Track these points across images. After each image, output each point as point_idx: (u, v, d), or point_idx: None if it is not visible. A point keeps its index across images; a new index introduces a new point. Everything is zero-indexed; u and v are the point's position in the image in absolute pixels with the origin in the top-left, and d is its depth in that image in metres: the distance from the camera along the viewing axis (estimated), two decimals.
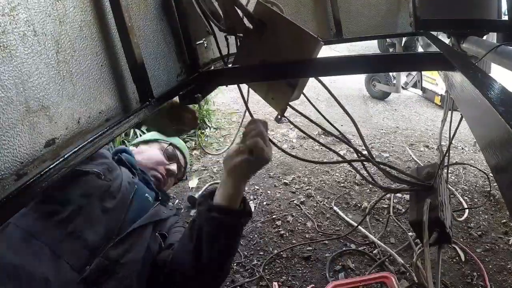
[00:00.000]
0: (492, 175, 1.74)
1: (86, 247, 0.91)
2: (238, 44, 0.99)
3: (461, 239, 1.67)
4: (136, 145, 1.52)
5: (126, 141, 2.56)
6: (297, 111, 1.06)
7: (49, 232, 0.90)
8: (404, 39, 4.37)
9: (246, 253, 1.68)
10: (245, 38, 0.96)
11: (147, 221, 1.06)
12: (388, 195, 2.01)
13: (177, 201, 2.21)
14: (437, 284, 1.03)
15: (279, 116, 1.03)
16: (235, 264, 1.61)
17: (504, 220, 1.78)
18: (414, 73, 4.00)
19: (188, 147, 2.58)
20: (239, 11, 0.88)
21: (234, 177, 0.90)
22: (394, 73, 3.90)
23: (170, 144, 1.50)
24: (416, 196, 1.11)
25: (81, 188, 1.00)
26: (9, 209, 0.41)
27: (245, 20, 0.94)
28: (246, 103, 1.12)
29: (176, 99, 0.90)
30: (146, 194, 1.17)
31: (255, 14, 0.93)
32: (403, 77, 4.12)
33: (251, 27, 0.94)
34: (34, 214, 0.92)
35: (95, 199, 1.00)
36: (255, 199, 2.10)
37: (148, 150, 1.46)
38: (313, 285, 1.45)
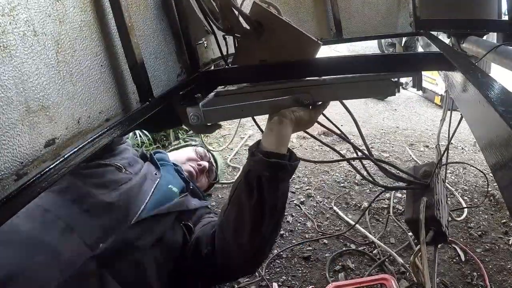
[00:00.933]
0: (491, 175, 1.74)
1: (101, 226, 0.91)
2: (237, 44, 0.99)
3: (461, 239, 1.67)
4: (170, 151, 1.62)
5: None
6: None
7: (65, 207, 0.91)
8: (404, 39, 4.38)
9: None
10: (243, 39, 0.96)
11: (169, 210, 1.06)
12: (388, 195, 2.01)
13: None
14: (433, 281, 1.04)
15: None
16: None
17: (504, 220, 1.78)
18: None
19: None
20: (236, 11, 0.88)
21: (290, 125, 0.91)
22: None
23: (201, 145, 1.63)
24: (413, 194, 1.11)
25: (100, 178, 1.03)
26: (9, 209, 0.41)
27: (244, 21, 0.94)
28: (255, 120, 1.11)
29: None
30: (170, 185, 1.17)
31: (251, 15, 0.93)
32: None
33: (249, 27, 0.94)
34: (52, 193, 0.94)
35: (113, 188, 1.02)
36: None
37: (181, 151, 1.58)
38: (313, 286, 1.45)
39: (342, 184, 2.21)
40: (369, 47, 6.41)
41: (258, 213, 0.88)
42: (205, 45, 1.06)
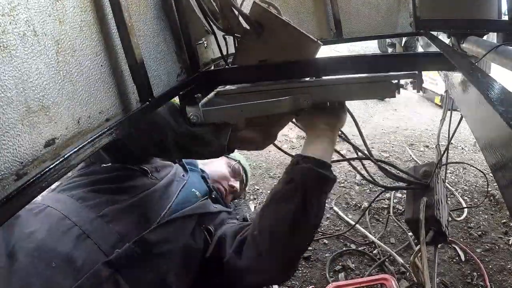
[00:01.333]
0: (491, 175, 1.74)
1: (118, 232, 0.89)
2: (236, 45, 0.99)
3: (461, 239, 1.67)
4: None
5: None
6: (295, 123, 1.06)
7: (81, 213, 0.90)
8: (404, 39, 4.37)
9: None
10: (243, 39, 0.96)
11: (190, 212, 1.02)
12: (388, 195, 2.01)
13: None
14: (433, 281, 1.04)
15: None
16: None
17: (504, 220, 1.78)
18: None
19: None
20: (236, 11, 0.89)
21: (335, 135, 0.96)
22: None
23: (238, 162, 1.49)
24: (413, 194, 1.12)
25: (121, 183, 1.01)
26: (9, 209, 0.41)
27: (244, 21, 0.94)
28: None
29: None
30: (193, 189, 1.15)
31: (251, 15, 0.93)
32: None
33: (249, 28, 0.94)
34: (71, 199, 0.94)
35: (134, 194, 0.99)
36: (255, 199, 2.10)
37: (214, 161, 1.44)
38: (313, 286, 1.45)
39: (342, 184, 2.21)
40: (369, 47, 6.41)
41: (299, 225, 0.85)
42: (205, 45, 1.06)
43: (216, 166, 1.43)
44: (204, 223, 1.05)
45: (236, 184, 1.43)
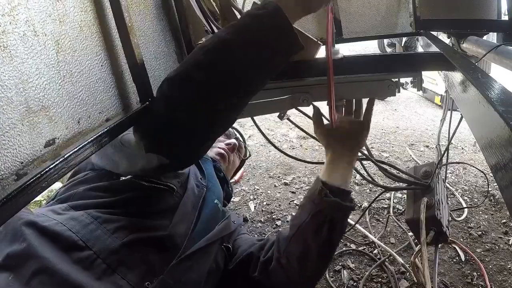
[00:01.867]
0: (491, 175, 1.74)
1: (145, 262, 0.80)
2: None
3: (461, 239, 1.67)
4: None
5: None
6: (298, 110, 1.06)
7: (105, 243, 0.77)
8: (404, 39, 4.37)
9: None
10: None
11: (216, 237, 0.97)
12: (388, 195, 2.01)
13: None
14: (434, 281, 1.04)
15: (281, 114, 1.03)
16: None
17: (504, 220, 1.78)
18: None
19: None
20: (236, 12, 0.89)
21: (354, 156, 0.98)
22: None
23: None
24: (413, 195, 1.12)
25: (148, 207, 0.90)
26: (9, 209, 0.41)
27: None
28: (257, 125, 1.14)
29: None
30: (216, 201, 1.08)
31: None
32: None
33: None
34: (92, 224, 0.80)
35: (160, 217, 0.90)
36: (255, 199, 2.10)
37: None
38: None
39: None
40: (369, 47, 6.40)
41: (326, 252, 0.91)
42: None
43: None
44: (224, 241, 1.04)
45: (232, 141, 1.45)
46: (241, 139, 1.60)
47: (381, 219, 1.86)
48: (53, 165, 0.46)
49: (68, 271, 0.69)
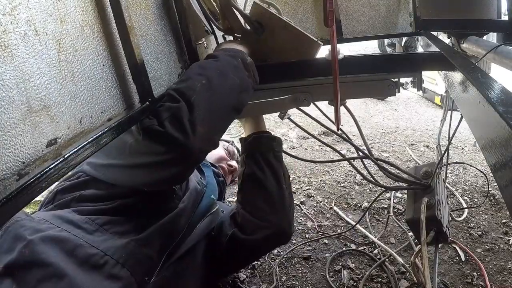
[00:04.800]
0: (491, 175, 1.75)
1: (148, 256, 0.87)
2: None
3: (461, 239, 1.67)
4: None
5: None
6: (299, 109, 1.06)
7: (111, 242, 0.83)
8: (404, 39, 4.37)
9: None
10: (243, 39, 0.96)
11: (207, 231, 1.09)
12: (388, 195, 2.01)
13: None
14: (434, 281, 1.04)
15: (282, 114, 1.03)
16: None
17: (504, 220, 1.78)
18: None
19: None
20: (236, 12, 0.89)
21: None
22: None
23: (232, 143, 1.70)
24: (414, 195, 1.12)
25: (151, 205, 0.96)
26: (10, 209, 0.41)
27: (244, 21, 0.94)
28: None
29: None
30: (212, 196, 1.21)
31: (251, 15, 0.93)
32: None
33: (249, 28, 0.94)
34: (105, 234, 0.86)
35: (160, 216, 0.97)
36: None
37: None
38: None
39: (342, 184, 2.21)
40: (369, 47, 6.40)
41: (276, 183, 1.03)
42: (205, 45, 1.06)
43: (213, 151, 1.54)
44: (213, 231, 1.14)
45: (234, 163, 1.62)
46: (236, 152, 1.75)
47: (381, 219, 1.86)
48: (54, 165, 0.46)
49: (75, 275, 0.71)
